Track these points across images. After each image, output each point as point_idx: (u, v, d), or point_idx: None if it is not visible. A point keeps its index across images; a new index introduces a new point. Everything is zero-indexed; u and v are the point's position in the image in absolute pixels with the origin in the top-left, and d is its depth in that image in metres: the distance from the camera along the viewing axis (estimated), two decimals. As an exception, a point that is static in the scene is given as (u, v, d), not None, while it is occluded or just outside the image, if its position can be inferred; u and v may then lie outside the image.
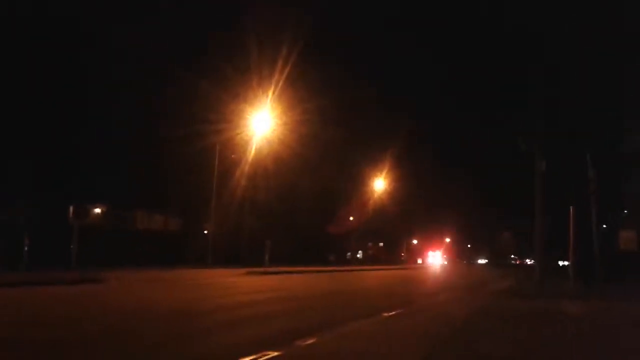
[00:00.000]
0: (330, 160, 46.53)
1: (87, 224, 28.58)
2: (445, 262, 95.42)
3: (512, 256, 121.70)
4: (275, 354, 6.38)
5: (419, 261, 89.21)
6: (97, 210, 34.53)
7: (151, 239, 34.82)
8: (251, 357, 6.14)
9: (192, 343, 7.48)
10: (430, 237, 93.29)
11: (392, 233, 73.06)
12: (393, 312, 11.12)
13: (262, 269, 27.79)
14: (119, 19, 30.13)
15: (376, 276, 32.77)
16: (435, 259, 67.45)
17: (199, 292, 16.38)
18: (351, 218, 55.78)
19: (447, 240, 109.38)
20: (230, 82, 32.66)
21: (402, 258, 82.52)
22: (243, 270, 26.99)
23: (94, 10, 29.53)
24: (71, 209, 29.10)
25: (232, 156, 34.95)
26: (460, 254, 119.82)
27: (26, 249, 22.19)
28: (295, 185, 42.02)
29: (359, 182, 55.48)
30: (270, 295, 15.73)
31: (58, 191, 28.67)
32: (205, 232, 36.51)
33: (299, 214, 45.67)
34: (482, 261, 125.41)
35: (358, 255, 66.32)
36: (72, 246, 23.23)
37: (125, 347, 7.08)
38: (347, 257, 59.96)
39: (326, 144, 43.36)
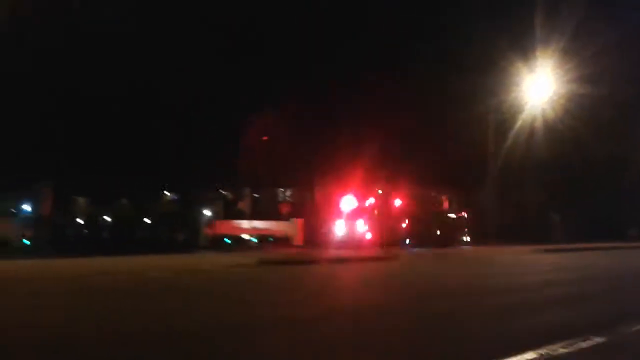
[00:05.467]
0: (625, 124, 40.43)
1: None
2: None
3: None
4: (600, 339, 5.63)
5: None
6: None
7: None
8: (570, 341, 5.49)
9: (497, 322, 7.14)
10: None
11: None
12: None
13: (551, 246, 25.80)
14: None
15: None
16: None
17: (492, 268, 16.07)
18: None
19: None
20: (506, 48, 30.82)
21: None
22: (527, 248, 25.45)
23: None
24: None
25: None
26: None
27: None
28: (582, 153, 37.69)
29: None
30: (571, 275, 14.43)
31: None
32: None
33: (588, 184, 41.01)
34: None
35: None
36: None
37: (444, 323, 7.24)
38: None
39: (620, 106, 37.67)
